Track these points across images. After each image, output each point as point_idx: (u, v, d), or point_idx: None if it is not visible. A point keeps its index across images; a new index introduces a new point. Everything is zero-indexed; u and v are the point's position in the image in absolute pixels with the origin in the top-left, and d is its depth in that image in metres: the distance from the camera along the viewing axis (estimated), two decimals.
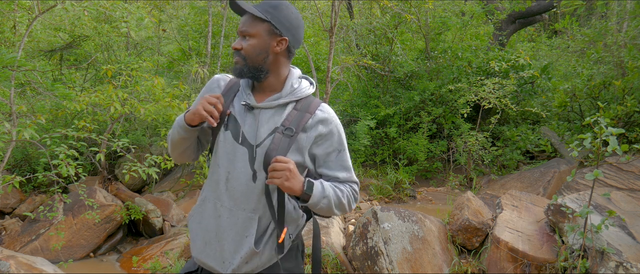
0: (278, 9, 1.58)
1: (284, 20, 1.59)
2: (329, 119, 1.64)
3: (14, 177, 4.25)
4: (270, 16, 1.57)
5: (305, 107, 1.64)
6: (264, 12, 1.57)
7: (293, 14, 1.62)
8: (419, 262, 3.84)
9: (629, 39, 6.42)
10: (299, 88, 1.66)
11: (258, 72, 1.61)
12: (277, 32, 1.59)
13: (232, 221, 1.64)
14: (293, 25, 1.61)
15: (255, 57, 1.59)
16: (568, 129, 6.82)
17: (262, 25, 1.57)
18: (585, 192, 3.94)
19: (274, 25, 1.57)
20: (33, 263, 4.05)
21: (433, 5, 7.46)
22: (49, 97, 5.40)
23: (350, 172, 1.69)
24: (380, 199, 6.20)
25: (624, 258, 3.13)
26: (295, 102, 1.64)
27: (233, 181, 1.64)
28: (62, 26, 7.23)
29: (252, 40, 1.58)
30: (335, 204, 1.62)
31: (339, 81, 6.93)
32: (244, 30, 1.58)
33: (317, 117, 1.63)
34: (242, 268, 1.63)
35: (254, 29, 1.57)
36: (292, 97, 1.63)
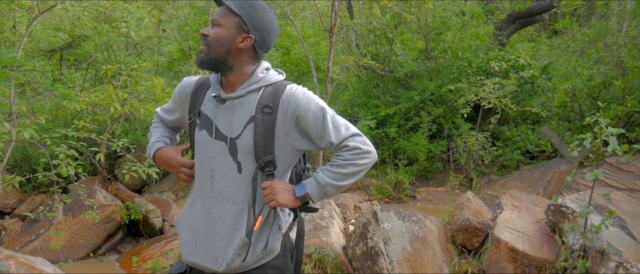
0: (253, 7, 1.60)
1: (255, 19, 1.60)
2: (299, 93, 1.62)
3: (13, 177, 4.25)
4: (243, 12, 1.59)
5: (276, 88, 1.65)
6: (238, 7, 1.59)
7: (267, 17, 1.63)
8: (419, 262, 3.84)
9: (629, 39, 6.42)
10: (266, 76, 1.67)
11: (219, 64, 1.62)
12: (245, 29, 1.60)
13: (222, 216, 1.65)
14: (264, 26, 1.62)
15: (219, 47, 1.60)
16: (568, 129, 6.82)
17: (232, 17, 1.60)
18: (586, 192, 3.94)
19: (243, 21, 1.59)
20: (33, 263, 4.04)
21: (433, 5, 7.46)
22: (49, 97, 5.40)
23: (341, 130, 1.62)
24: (380, 199, 6.20)
25: (624, 258, 3.13)
26: (264, 88, 1.65)
27: (218, 176, 1.65)
28: (62, 26, 7.23)
29: (219, 30, 1.60)
30: (344, 180, 1.62)
31: (339, 81, 6.93)
32: (215, 18, 1.61)
33: (288, 94, 1.62)
34: (235, 260, 1.64)
35: (224, 19, 1.60)
36: (261, 83, 1.65)
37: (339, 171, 1.61)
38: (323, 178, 1.61)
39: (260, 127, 1.60)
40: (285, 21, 9.22)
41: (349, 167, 1.61)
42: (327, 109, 1.63)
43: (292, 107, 1.60)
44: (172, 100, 1.82)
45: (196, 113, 1.69)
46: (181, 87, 1.77)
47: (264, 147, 1.60)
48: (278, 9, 7.73)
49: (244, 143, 1.61)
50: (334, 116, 1.64)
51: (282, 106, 1.61)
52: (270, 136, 1.60)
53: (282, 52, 8.94)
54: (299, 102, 1.60)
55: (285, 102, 1.61)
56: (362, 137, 1.65)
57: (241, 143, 1.61)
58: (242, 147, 1.62)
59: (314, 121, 1.60)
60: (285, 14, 6.89)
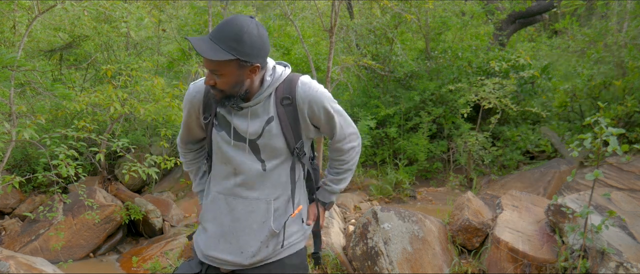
0: (241, 42, 1.51)
1: (249, 50, 1.53)
2: (313, 90, 1.68)
3: (13, 177, 4.25)
4: (236, 52, 1.51)
5: (288, 81, 1.70)
6: (230, 50, 1.50)
7: (255, 37, 1.54)
8: (419, 262, 3.84)
9: (629, 39, 6.42)
10: (275, 77, 1.69)
11: (238, 96, 1.63)
12: (248, 64, 1.56)
13: (248, 211, 1.70)
14: (259, 48, 1.56)
15: (232, 89, 1.60)
16: (568, 129, 6.81)
17: (229, 63, 1.53)
18: (586, 192, 3.93)
19: (242, 60, 1.54)
20: (33, 263, 4.04)
21: (433, 5, 7.46)
22: (49, 97, 5.40)
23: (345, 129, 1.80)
24: (380, 199, 6.20)
25: (624, 258, 3.13)
26: (276, 88, 1.69)
27: (243, 174, 1.69)
28: (62, 26, 7.22)
29: (224, 78, 1.56)
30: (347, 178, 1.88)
31: (339, 81, 6.92)
32: (213, 69, 1.55)
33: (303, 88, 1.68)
34: (262, 251, 1.71)
35: (224, 69, 1.54)
36: (272, 87, 1.68)
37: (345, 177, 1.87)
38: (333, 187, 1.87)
39: (285, 120, 1.66)
40: (285, 21, 9.22)
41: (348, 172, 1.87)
42: (336, 108, 1.75)
43: (307, 102, 1.67)
44: (185, 113, 1.82)
45: (213, 114, 1.72)
46: (190, 94, 1.76)
47: (294, 136, 1.68)
48: (278, 9, 7.73)
49: (265, 142, 1.67)
50: (341, 113, 1.77)
51: (299, 97, 1.67)
52: (295, 124, 1.68)
53: (282, 52, 8.94)
54: (313, 99, 1.68)
55: (302, 94, 1.67)
56: (356, 131, 1.86)
57: (263, 142, 1.67)
58: (264, 146, 1.67)
59: (326, 119, 1.72)
60: (285, 14, 6.89)
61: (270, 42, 9.42)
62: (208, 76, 1.58)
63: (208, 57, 1.48)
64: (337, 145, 1.81)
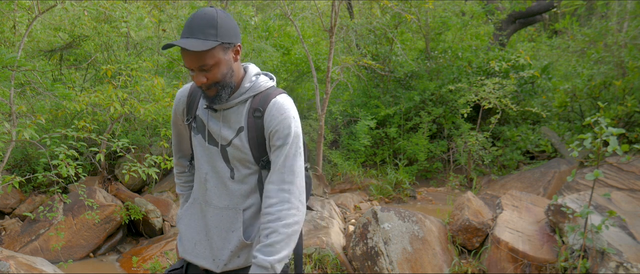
0: (218, 26, 1.51)
1: (227, 31, 1.53)
2: (284, 113, 1.59)
3: (13, 177, 4.25)
4: (217, 37, 1.51)
5: (266, 95, 1.64)
6: (211, 37, 1.50)
7: (227, 19, 1.55)
8: (419, 262, 3.84)
9: (629, 39, 6.42)
10: (256, 83, 1.65)
11: (233, 88, 1.61)
12: (231, 46, 1.56)
13: (218, 218, 1.68)
14: (234, 28, 1.57)
15: (224, 78, 1.57)
16: (568, 129, 6.82)
17: (215, 50, 1.52)
18: (586, 192, 3.93)
19: (224, 43, 1.53)
20: (33, 263, 4.04)
21: (433, 5, 7.46)
22: (49, 97, 5.40)
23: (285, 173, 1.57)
24: (380, 200, 6.20)
25: (625, 258, 3.13)
26: (253, 96, 1.65)
27: (213, 180, 1.69)
28: (62, 26, 7.23)
29: (215, 68, 1.54)
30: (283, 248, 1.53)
31: (339, 81, 6.92)
32: (202, 64, 1.52)
33: (276, 106, 1.60)
34: (234, 261, 1.67)
35: (212, 58, 1.52)
36: (251, 92, 1.64)
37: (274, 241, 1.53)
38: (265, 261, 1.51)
39: (253, 132, 1.61)
40: (285, 21, 9.22)
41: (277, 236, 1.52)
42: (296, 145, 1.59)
43: (273, 119, 1.59)
44: (172, 123, 1.84)
45: (193, 116, 1.72)
46: (176, 100, 1.79)
47: (258, 149, 1.63)
48: (278, 9, 7.73)
49: (234, 151, 1.64)
50: (295, 155, 1.59)
51: (268, 112, 1.60)
52: (262, 139, 1.62)
53: (282, 52, 8.93)
54: (281, 119, 1.59)
55: (272, 110, 1.60)
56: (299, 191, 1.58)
57: (231, 150, 1.64)
58: (232, 154, 1.64)
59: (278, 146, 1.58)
60: (285, 14, 6.89)
61: (270, 42, 9.39)
62: (197, 76, 1.55)
63: (196, 49, 1.47)
64: (268, 186, 1.57)
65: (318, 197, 5.47)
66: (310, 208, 1.83)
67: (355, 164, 6.84)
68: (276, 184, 1.56)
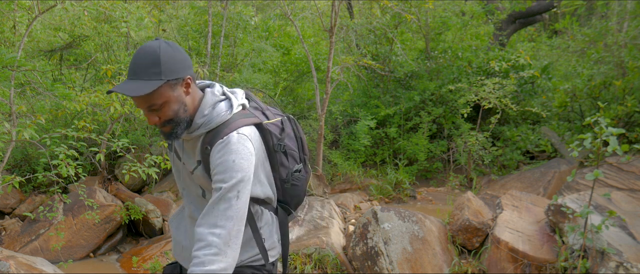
0: (161, 63, 1.43)
1: (172, 66, 1.45)
2: (224, 151, 1.51)
3: (13, 177, 4.25)
4: (161, 75, 1.43)
5: (217, 133, 1.55)
6: (155, 77, 1.43)
7: (170, 52, 1.46)
8: (419, 262, 3.84)
9: (629, 39, 6.42)
10: (209, 117, 1.56)
11: (189, 121, 1.57)
12: (178, 81, 1.48)
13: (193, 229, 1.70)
14: (180, 60, 1.48)
15: (176, 115, 1.51)
16: (568, 129, 6.82)
17: (161, 89, 1.45)
18: (586, 192, 3.93)
19: (171, 80, 1.45)
20: (33, 263, 4.04)
21: (433, 5, 7.46)
22: (49, 97, 5.40)
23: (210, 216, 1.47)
24: (380, 199, 6.20)
25: (625, 258, 3.13)
26: (205, 134, 1.58)
27: (187, 195, 1.73)
28: (62, 26, 7.23)
29: (165, 107, 1.49)
30: None
31: (339, 81, 6.92)
32: (150, 105, 1.47)
33: (216, 149, 1.53)
34: None
35: (159, 98, 1.46)
36: (202, 129, 1.57)
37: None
38: None
39: (206, 167, 1.58)
40: (285, 21, 9.23)
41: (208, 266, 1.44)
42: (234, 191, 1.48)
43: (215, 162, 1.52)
44: None
45: None
46: None
47: None
48: (278, 9, 7.73)
49: (198, 179, 1.64)
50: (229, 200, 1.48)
51: (213, 152, 1.54)
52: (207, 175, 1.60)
53: (282, 52, 8.94)
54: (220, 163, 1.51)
55: (215, 152, 1.53)
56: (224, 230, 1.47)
57: (196, 178, 1.65)
58: (198, 181, 1.65)
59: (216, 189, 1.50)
60: (285, 14, 6.89)
61: (270, 42, 9.39)
62: (149, 116, 1.50)
63: (139, 94, 1.40)
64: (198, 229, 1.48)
65: (318, 198, 5.47)
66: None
67: (355, 164, 6.84)
68: (207, 227, 1.47)
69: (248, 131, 1.57)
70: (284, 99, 8.33)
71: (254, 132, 1.61)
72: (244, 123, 1.58)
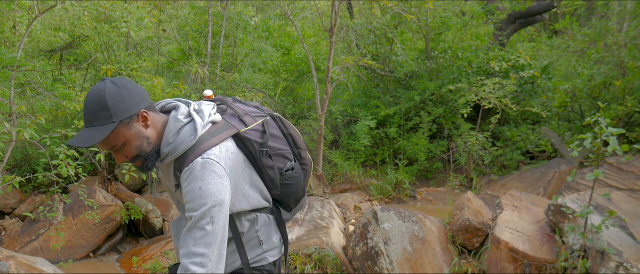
0: (108, 106, 1.42)
1: (121, 106, 1.44)
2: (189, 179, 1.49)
3: (13, 177, 4.25)
4: (112, 118, 1.43)
5: (184, 159, 1.53)
6: (106, 121, 1.42)
7: (117, 91, 1.44)
8: (419, 262, 3.84)
9: (629, 39, 6.42)
10: (174, 145, 1.54)
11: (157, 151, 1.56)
12: (132, 118, 1.47)
13: None
14: (129, 98, 1.46)
15: (141, 150, 1.51)
16: (568, 129, 6.82)
17: (117, 130, 1.45)
18: (586, 192, 3.93)
19: (123, 120, 1.45)
20: (33, 263, 4.04)
21: (433, 5, 7.46)
22: (49, 97, 5.39)
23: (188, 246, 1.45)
24: (380, 199, 6.20)
25: (625, 258, 3.13)
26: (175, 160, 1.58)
27: (181, 207, 1.75)
28: (62, 26, 7.22)
29: (127, 146, 1.49)
30: None
31: (339, 81, 6.92)
32: (112, 146, 1.48)
33: (183, 176, 1.52)
34: None
35: (117, 139, 1.46)
36: (170, 157, 1.56)
37: None
38: None
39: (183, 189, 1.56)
40: (285, 21, 9.23)
41: None
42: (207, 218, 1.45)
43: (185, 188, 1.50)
44: None
45: None
46: None
47: None
48: (278, 9, 7.72)
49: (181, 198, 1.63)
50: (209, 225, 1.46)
51: (182, 179, 1.52)
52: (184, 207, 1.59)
53: (282, 52, 8.94)
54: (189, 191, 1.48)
55: (183, 178, 1.51)
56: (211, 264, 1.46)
57: (179, 197, 1.65)
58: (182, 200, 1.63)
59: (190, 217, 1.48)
60: (285, 14, 6.89)
61: (270, 42, 9.38)
62: (116, 156, 1.52)
63: (93, 143, 1.41)
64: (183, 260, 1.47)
65: (318, 198, 5.47)
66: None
67: (355, 164, 6.84)
68: (188, 257, 1.45)
69: (216, 152, 1.52)
70: (284, 99, 8.33)
71: (224, 150, 1.55)
72: (212, 144, 1.53)
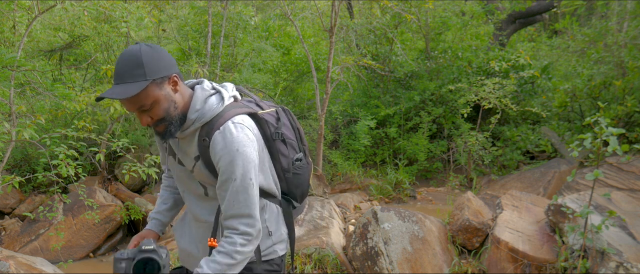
0: (144, 64, 1.45)
1: (156, 66, 1.47)
2: (224, 142, 1.52)
3: (13, 177, 4.24)
4: (146, 76, 1.45)
5: (212, 125, 1.56)
6: (140, 78, 1.44)
7: (152, 52, 1.48)
8: (419, 262, 3.84)
9: (629, 39, 6.42)
10: (202, 111, 1.57)
11: (182, 118, 1.57)
12: (164, 79, 1.50)
13: (202, 231, 1.71)
14: (163, 59, 1.50)
15: (168, 113, 1.52)
16: (568, 129, 6.81)
17: (147, 89, 1.46)
18: (586, 192, 3.93)
19: (156, 79, 1.47)
20: (33, 263, 4.04)
21: (433, 5, 7.46)
22: (49, 97, 5.39)
23: (241, 207, 1.52)
24: (380, 199, 6.20)
25: (625, 258, 3.13)
26: (201, 127, 1.59)
27: (189, 197, 1.73)
28: (61, 26, 7.22)
29: (155, 107, 1.50)
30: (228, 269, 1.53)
31: (339, 81, 6.92)
32: (140, 106, 1.48)
33: (215, 141, 1.54)
34: None
35: (148, 98, 1.47)
36: (197, 123, 1.58)
37: (225, 262, 1.53)
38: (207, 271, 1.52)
39: (207, 159, 1.58)
40: (285, 21, 9.21)
41: (236, 256, 1.53)
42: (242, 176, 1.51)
43: (217, 154, 1.53)
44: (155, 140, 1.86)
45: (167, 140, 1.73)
46: None
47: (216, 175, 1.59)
48: (278, 9, 7.72)
49: (198, 175, 1.64)
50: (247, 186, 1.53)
51: (212, 144, 1.54)
52: (212, 166, 1.59)
53: (282, 52, 8.93)
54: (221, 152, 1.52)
55: (214, 143, 1.54)
56: (257, 221, 1.55)
57: (197, 175, 1.64)
58: (199, 178, 1.65)
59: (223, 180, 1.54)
60: (285, 14, 6.88)
61: (270, 42, 9.38)
62: (141, 118, 1.52)
63: (126, 96, 1.42)
64: (226, 223, 1.56)
65: (318, 197, 5.47)
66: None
67: (355, 164, 6.84)
68: (237, 218, 1.53)
69: (243, 119, 1.58)
70: (284, 99, 8.33)
71: (249, 120, 1.61)
72: (238, 113, 1.58)
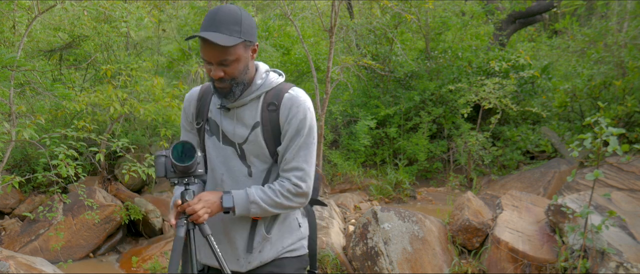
0: (242, 24, 1.55)
1: (249, 30, 1.58)
2: (299, 101, 1.64)
3: (13, 177, 4.24)
4: (241, 34, 1.55)
5: (279, 90, 1.67)
6: (235, 34, 1.53)
7: (249, 18, 1.59)
8: (419, 262, 3.83)
9: (629, 39, 6.42)
10: (267, 79, 1.68)
11: (246, 85, 1.64)
12: (251, 44, 1.60)
13: (238, 218, 1.69)
14: (255, 28, 1.61)
15: (240, 75, 1.60)
16: (568, 129, 6.81)
17: (237, 46, 1.55)
18: (586, 192, 3.93)
19: (246, 41, 1.57)
20: (33, 263, 4.04)
21: (433, 5, 7.45)
22: (49, 97, 5.39)
23: (299, 161, 1.64)
24: (381, 200, 6.20)
25: (625, 258, 3.13)
26: (265, 94, 1.68)
27: (229, 180, 1.70)
28: (61, 26, 7.21)
29: (234, 64, 1.57)
30: (272, 207, 1.63)
31: (339, 81, 6.92)
32: (223, 59, 1.55)
33: (291, 97, 1.65)
34: (256, 258, 1.70)
35: (233, 54, 1.55)
36: (263, 89, 1.67)
37: (271, 197, 1.63)
38: (253, 195, 1.62)
39: (268, 126, 1.65)
40: (285, 21, 9.21)
41: (281, 198, 1.63)
42: (308, 133, 1.65)
43: (289, 106, 1.64)
44: (182, 119, 1.85)
45: (204, 119, 1.73)
46: (186, 102, 1.80)
47: (274, 143, 1.66)
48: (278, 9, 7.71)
49: (251, 148, 1.67)
50: (308, 145, 1.66)
51: (284, 103, 1.64)
52: (277, 130, 1.65)
53: (282, 52, 8.93)
54: (297, 105, 1.64)
55: (287, 100, 1.64)
56: (310, 180, 1.67)
57: (248, 148, 1.67)
58: (250, 151, 1.67)
59: (292, 133, 1.64)
60: (285, 14, 6.88)
61: (270, 42, 9.37)
62: (215, 70, 1.57)
63: (223, 44, 1.49)
64: (284, 175, 1.66)
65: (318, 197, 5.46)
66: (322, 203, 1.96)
67: (355, 164, 6.84)
68: (293, 171, 1.63)
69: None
70: None
71: None
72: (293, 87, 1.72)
